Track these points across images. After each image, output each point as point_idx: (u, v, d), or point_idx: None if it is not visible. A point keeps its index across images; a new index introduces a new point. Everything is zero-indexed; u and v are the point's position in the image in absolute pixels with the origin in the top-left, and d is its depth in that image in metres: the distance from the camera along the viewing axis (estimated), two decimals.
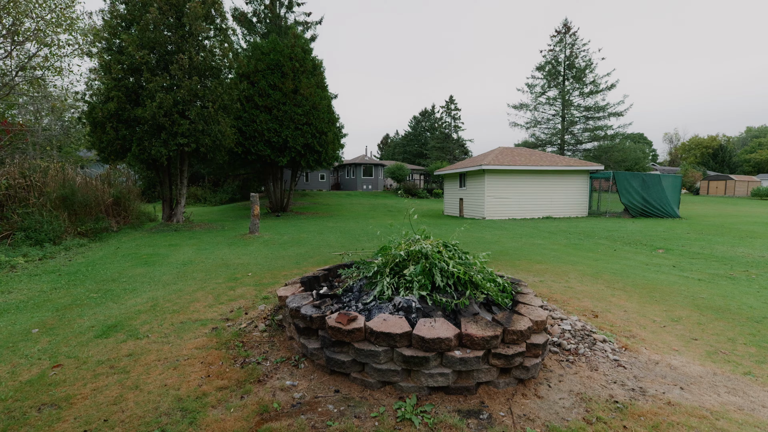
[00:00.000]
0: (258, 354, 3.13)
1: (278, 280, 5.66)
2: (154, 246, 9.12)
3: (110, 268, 6.55)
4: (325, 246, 9.00)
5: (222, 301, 4.57)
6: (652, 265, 6.85)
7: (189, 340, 3.40)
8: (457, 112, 50.58)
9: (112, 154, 11.35)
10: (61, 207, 10.53)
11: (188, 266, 6.74)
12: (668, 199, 16.52)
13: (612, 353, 3.18)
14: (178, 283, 5.50)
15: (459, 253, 3.81)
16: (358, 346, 2.63)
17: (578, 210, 17.78)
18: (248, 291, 5.04)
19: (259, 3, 25.54)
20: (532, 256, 7.78)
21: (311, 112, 16.78)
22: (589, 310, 4.38)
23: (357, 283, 3.72)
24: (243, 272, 6.22)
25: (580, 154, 38.12)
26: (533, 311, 3.05)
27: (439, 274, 3.33)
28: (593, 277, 5.95)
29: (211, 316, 4.06)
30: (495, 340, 2.57)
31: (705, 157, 63.28)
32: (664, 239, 9.83)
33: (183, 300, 4.64)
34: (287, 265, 6.75)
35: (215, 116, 12.06)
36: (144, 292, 5.08)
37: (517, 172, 16.99)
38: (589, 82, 36.85)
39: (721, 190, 40.33)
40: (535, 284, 5.53)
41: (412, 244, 3.71)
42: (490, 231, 12.17)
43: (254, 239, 10.05)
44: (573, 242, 9.72)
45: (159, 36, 11.24)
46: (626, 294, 5.03)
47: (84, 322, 3.89)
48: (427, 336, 2.51)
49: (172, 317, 4.01)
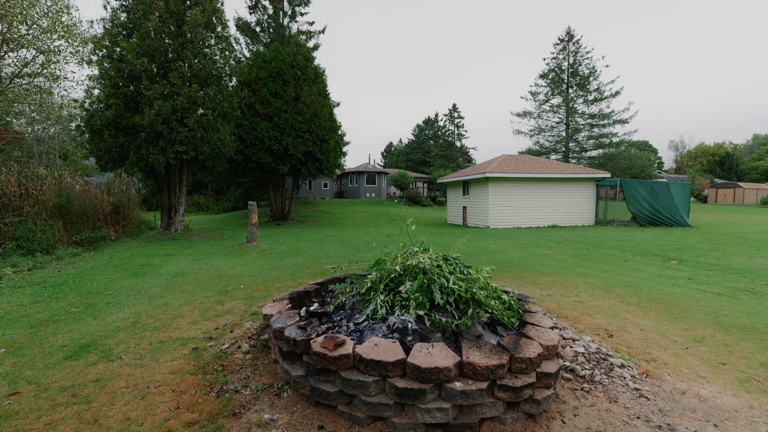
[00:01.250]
0: (238, 380, 2.83)
1: (270, 293, 5.37)
2: (148, 255, 8.88)
3: (98, 280, 6.29)
4: (324, 256, 8.71)
5: (208, 317, 4.28)
6: (667, 278, 6.49)
7: (165, 363, 3.11)
8: (460, 120, 50.54)
9: (110, 162, 11.21)
10: (56, 215, 10.36)
11: (179, 278, 6.48)
12: (677, 208, 16.10)
13: (632, 381, 2.85)
14: (165, 297, 5.22)
15: (460, 267, 3.51)
16: (345, 375, 2.33)
17: (585, 218, 17.39)
18: (237, 305, 4.75)
19: (263, 13, 25.69)
20: (539, 267, 7.43)
21: (312, 120, 16.64)
22: (603, 328, 4.04)
23: (349, 300, 3.42)
24: (235, 284, 5.94)
25: (585, 162, 37.72)
26: (543, 333, 2.73)
27: (438, 292, 3.03)
28: (605, 291, 5.60)
29: (193, 334, 3.77)
30: (501, 369, 2.26)
31: (712, 164, 62.63)
32: (676, 249, 9.44)
33: (167, 315, 4.36)
34: (282, 277, 6.46)
35: (214, 124, 11.92)
36: (128, 306, 4.80)
37: (521, 179, 16.68)
38: (594, 89, 36.61)
39: (730, 197, 39.66)
40: (543, 298, 5.19)
41: (410, 257, 3.41)
42: (495, 240, 11.83)
43: (251, 249, 9.79)
44: (581, 252, 9.36)
45: (159, 44, 11.16)
46: (641, 310, 4.68)
47: (56, 341, 3.62)
48: (423, 365, 2.21)
49: (152, 335, 3.72)
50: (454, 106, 50.37)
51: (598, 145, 36.93)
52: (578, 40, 37.29)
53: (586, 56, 37.08)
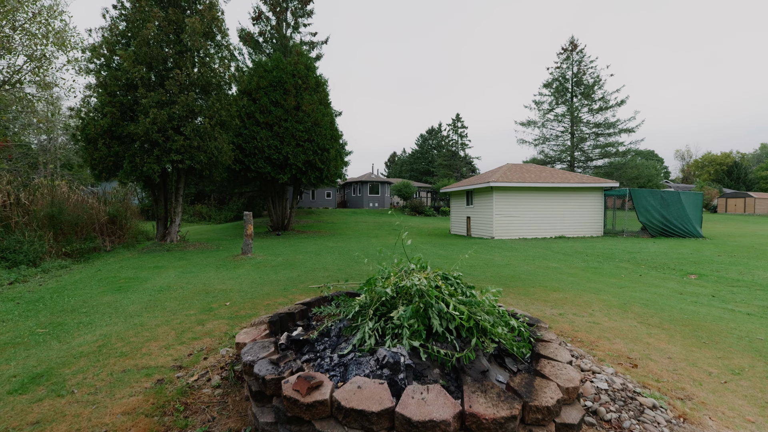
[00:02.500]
0: (200, 423, 2.41)
1: (258, 311, 4.96)
2: (137, 268, 8.52)
3: (77, 295, 5.92)
4: (320, 269, 8.30)
5: (183, 341, 3.88)
6: (688, 295, 5.99)
7: (120, 399, 2.69)
8: (464, 129, 50.41)
9: (104, 171, 10.95)
10: (47, 226, 10.07)
11: (164, 293, 6.09)
12: (689, 218, 15.54)
13: (668, 428, 2.39)
14: (143, 315, 4.83)
15: (462, 288, 3.08)
16: (320, 426, 1.90)
17: (593, 229, 16.86)
18: (219, 326, 4.34)
19: (266, 24, 25.77)
20: (548, 282, 6.96)
21: (313, 129, 16.40)
22: (625, 356, 3.58)
23: (336, 326, 3.00)
24: (222, 301, 5.54)
25: (591, 171, 37.20)
26: (561, 371, 2.29)
27: (436, 318, 2.61)
28: (622, 310, 5.12)
29: (163, 361, 3.36)
30: (512, 422, 1.82)
31: (719, 174, 61.76)
32: (693, 263, 8.91)
33: (139, 338, 3.95)
34: (273, 292, 6.05)
35: (211, 132, 11.66)
36: (100, 326, 4.41)
37: (527, 189, 16.24)
38: (599, 98, 36.30)
39: (740, 207, 38.81)
40: (555, 318, 4.73)
41: (404, 276, 3.00)
42: (500, 252, 11.36)
43: (245, 261, 9.40)
44: (591, 266, 8.87)
45: (157, 52, 10.99)
46: (665, 333, 4.21)
47: (8, 370, 3.22)
48: (415, 417, 1.78)
49: (116, 363, 3.32)
50: (458, 116, 50.29)
51: (604, 154, 36.44)
52: (582, 50, 37.15)
53: (590, 65, 36.90)
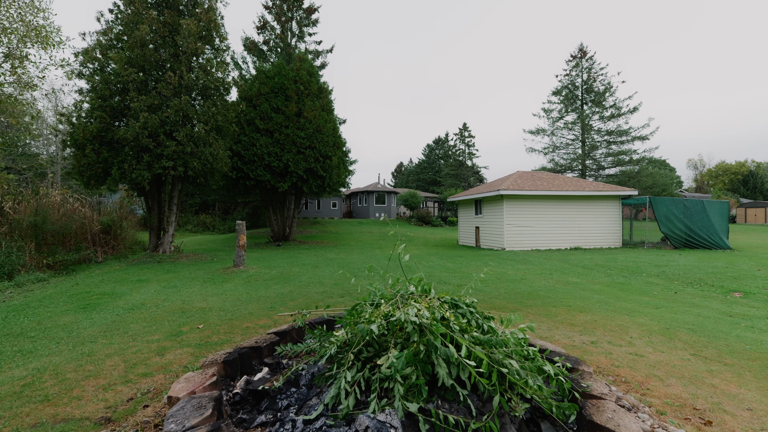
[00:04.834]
0: None
1: (233, 336, 4.22)
2: (119, 282, 7.86)
3: (36, 314, 5.24)
4: (316, 284, 7.55)
5: (130, 378, 3.14)
6: (739, 318, 5.11)
7: None
8: (471, 138, 49.79)
9: (92, 178, 10.42)
10: (30, 236, 9.53)
11: (133, 312, 5.38)
12: (715, 228, 14.50)
13: None
14: (97, 341, 4.11)
15: (477, 319, 2.31)
16: None
17: (611, 240, 15.88)
18: (181, 357, 3.61)
19: (271, 32, 25.64)
20: (571, 300, 6.11)
21: (315, 136, 15.83)
22: (690, 405, 2.74)
23: (308, 370, 2.24)
24: (196, 322, 4.81)
25: (603, 180, 36.10)
26: None
27: (443, 365, 1.84)
28: (666, 337, 4.27)
29: (91, 410, 2.62)
30: None
31: (734, 183, 60.10)
32: (733, 278, 7.97)
33: (78, 374, 3.23)
34: (257, 312, 5.31)
35: (206, 138, 11.11)
36: (41, 355, 3.70)
37: (539, 197, 15.38)
38: (610, 105, 35.41)
39: (761, 217, 37.27)
40: (587, 348, 3.91)
41: (399, 303, 2.24)
42: (513, 265, 10.50)
43: (236, 274, 8.70)
44: (617, 281, 7.98)
45: (150, 54, 10.54)
46: (731, 371, 3.36)
47: None
48: None
49: (31, 413, 2.59)
50: (465, 126, 49.76)
51: (616, 162, 35.38)
52: (591, 57, 36.49)
53: (600, 72, 36.16)
